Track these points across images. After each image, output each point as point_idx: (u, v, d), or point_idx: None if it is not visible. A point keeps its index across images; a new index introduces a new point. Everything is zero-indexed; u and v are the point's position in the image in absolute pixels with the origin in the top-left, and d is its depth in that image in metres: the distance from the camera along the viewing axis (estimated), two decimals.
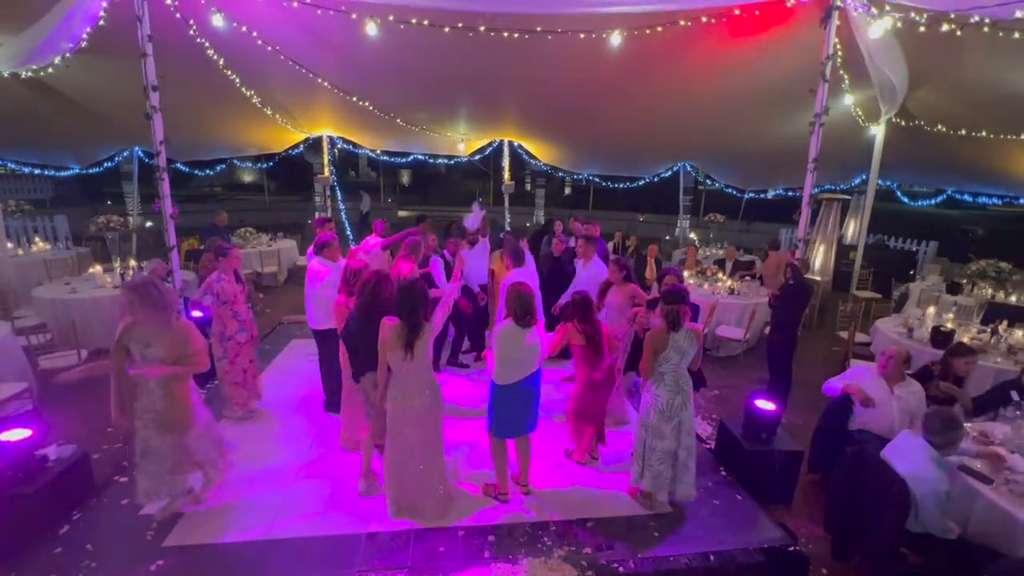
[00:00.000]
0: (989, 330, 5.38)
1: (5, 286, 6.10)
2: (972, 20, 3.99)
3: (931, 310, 5.94)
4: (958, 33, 4.20)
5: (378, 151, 11.26)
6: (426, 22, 5.01)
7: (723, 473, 4.02)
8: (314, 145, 10.95)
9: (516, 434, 3.46)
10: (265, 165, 13.59)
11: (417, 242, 4.75)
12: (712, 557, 3.17)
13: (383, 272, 3.56)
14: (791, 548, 3.29)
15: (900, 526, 2.85)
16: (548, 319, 5.14)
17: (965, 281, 7.44)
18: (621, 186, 12.66)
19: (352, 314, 3.46)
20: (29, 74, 5.44)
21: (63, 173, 10.50)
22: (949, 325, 5.41)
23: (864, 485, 3.10)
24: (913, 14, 4.34)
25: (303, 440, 4.28)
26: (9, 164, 9.91)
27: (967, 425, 3.67)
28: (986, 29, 4.02)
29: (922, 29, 4.38)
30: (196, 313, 4.55)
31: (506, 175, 11.41)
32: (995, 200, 10.01)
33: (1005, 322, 5.48)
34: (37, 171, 10.49)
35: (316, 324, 4.45)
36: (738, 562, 3.16)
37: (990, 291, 7.09)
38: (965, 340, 5.07)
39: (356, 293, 3.50)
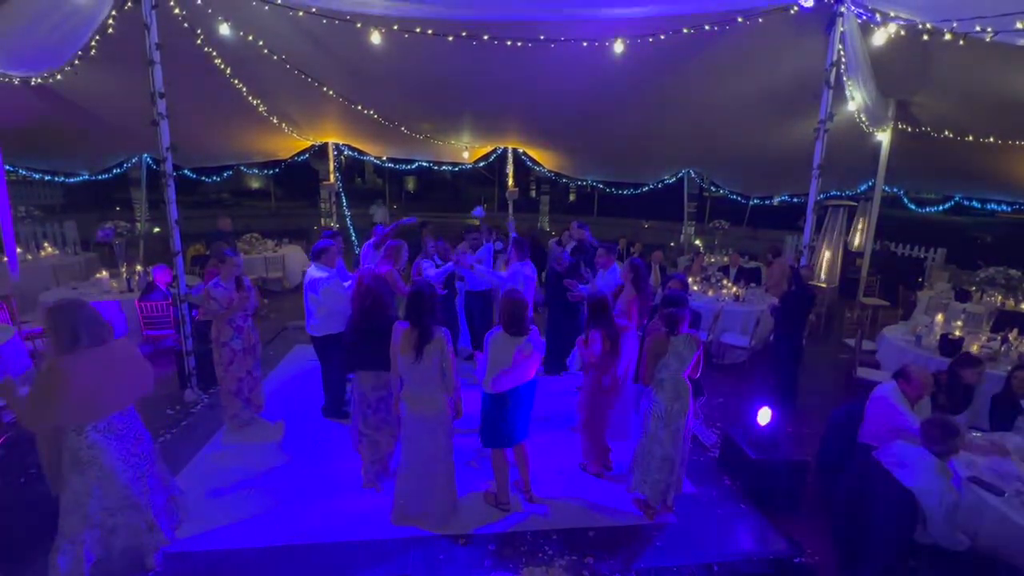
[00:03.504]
0: (999, 338, 5.31)
1: (12, 291, 6.17)
2: (975, 29, 3.96)
3: (939, 318, 5.87)
4: (961, 43, 4.18)
5: (383, 158, 11.33)
6: (430, 31, 5.04)
7: (728, 482, 3.97)
8: (320, 152, 11.04)
9: (508, 444, 3.41)
10: (272, 171, 13.70)
11: (398, 246, 4.75)
12: (716, 568, 3.13)
13: (379, 276, 3.63)
14: (797, 560, 3.24)
15: (907, 538, 2.80)
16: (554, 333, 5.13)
17: (974, 288, 7.35)
18: (625, 192, 12.64)
19: (351, 316, 3.53)
20: (39, 81, 5.52)
21: (73, 179, 10.64)
22: (958, 333, 5.34)
23: (871, 496, 3.05)
24: (918, 23, 4.32)
25: (303, 446, 4.27)
26: (21, 171, 10.04)
27: (976, 435, 3.62)
28: (988, 39, 3.99)
29: (925, 38, 4.36)
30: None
31: (510, 182, 11.43)
32: (1004, 207, 9.91)
33: (1015, 330, 5.40)
34: (48, 177, 10.63)
35: (315, 331, 4.45)
36: (742, 573, 3.11)
37: (1000, 299, 7.00)
38: (974, 348, 5.01)
39: (355, 296, 3.57)
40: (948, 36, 4.11)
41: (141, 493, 2.82)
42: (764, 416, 3.81)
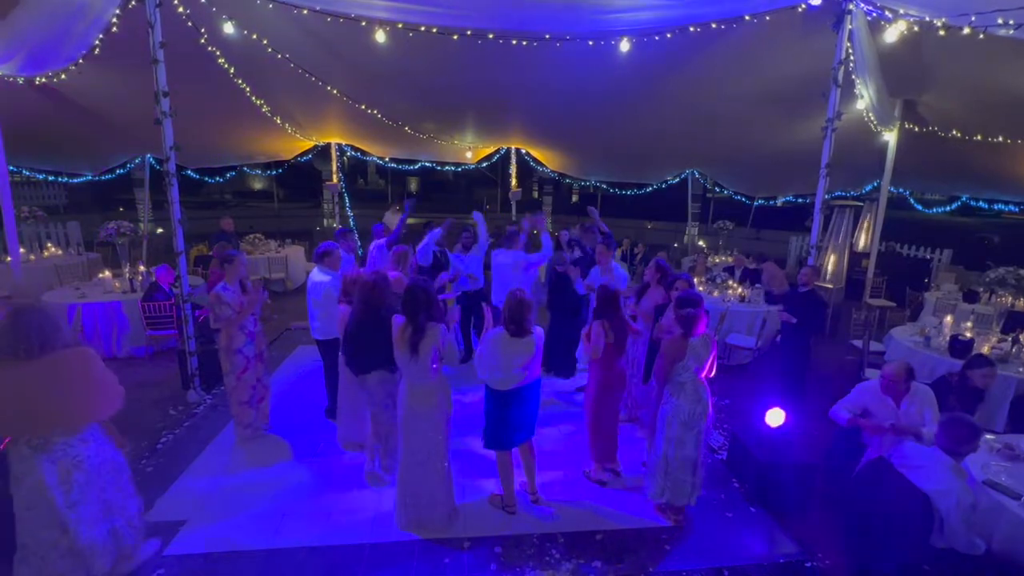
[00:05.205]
0: (1010, 339, 5.24)
1: (15, 291, 6.16)
2: (997, 22, 3.89)
3: (949, 319, 5.80)
4: (980, 36, 4.11)
5: (386, 159, 11.32)
6: (435, 30, 5.03)
7: (736, 485, 3.92)
8: (323, 152, 11.03)
9: (511, 445, 3.36)
10: (275, 172, 13.73)
11: (403, 252, 4.70)
12: (726, 572, 3.08)
13: (381, 272, 3.58)
14: (808, 564, 3.19)
15: (921, 542, 2.74)
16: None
17: (983, 289, 7.28)
18: (629, 193, 12.59)
19: (352, 312, 3.48)
20: (43, 80, 5.51)
21: (77, 180, 10.65)
22: (968, 334, 5.27)
23: (882, 498, 2.99)
24: (929, 18, 4.26)
25: (306, 448, 4.23)
26: (24, 171, 10.06)
27: (990, 437, 3.56)
28: (1012, 32, 3.91)
29: (942, 33, 4.29)
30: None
31: (513, 182, 11.41)
32: (1012, 207, 9.84)
33: None
34: (51, 178, 10.66)
35: (318, 334, 4.41)
36: None
37: (1009, 299, 6.93)
38: (985, 350, 4.95)
39: (355, 293, 3.55)
40: (967, 31, 4.03)
41: (70, 518, 2.54)
42: (772, 418, 3.76)
